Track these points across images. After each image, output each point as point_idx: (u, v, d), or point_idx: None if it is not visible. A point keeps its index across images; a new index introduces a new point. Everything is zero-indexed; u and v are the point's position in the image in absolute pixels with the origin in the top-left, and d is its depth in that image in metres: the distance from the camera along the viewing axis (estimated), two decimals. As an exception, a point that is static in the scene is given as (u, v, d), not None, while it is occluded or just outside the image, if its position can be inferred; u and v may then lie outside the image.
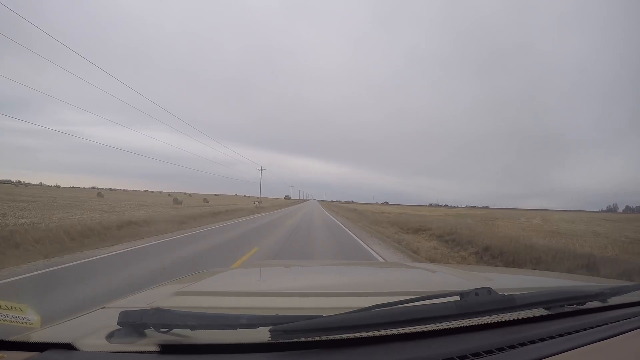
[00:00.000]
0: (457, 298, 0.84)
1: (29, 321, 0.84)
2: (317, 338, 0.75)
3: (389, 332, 0.79)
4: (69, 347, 0.73)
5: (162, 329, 0.73)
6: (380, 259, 8.04)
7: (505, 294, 0.88)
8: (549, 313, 1.01)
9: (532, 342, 0.84)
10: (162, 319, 0.72)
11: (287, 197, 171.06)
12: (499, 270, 3.62)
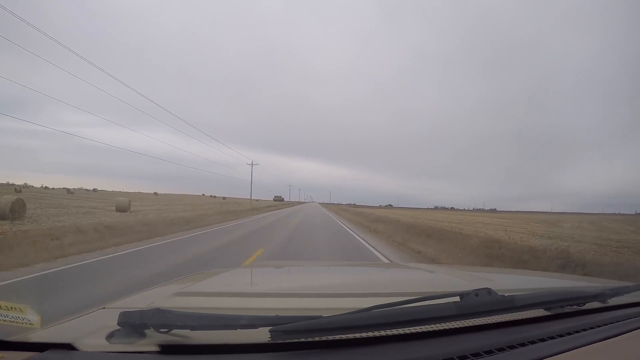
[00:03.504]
0: (457, 298, 0.84)
1: (29, 321, 0.85)
2: (317, 338, 0.75)
3: (389, 332, 0.79)
4: (69, 347, 0.73)
5: (162, 330, 0.73)
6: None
7: (505, 294, 0.88)
8: (549, 313, 1.01)
9: (532, 342, 0.83)
10: (162, 319, 0.72)
11: (278, 199, 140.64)
12: (499, 270, 3.60)
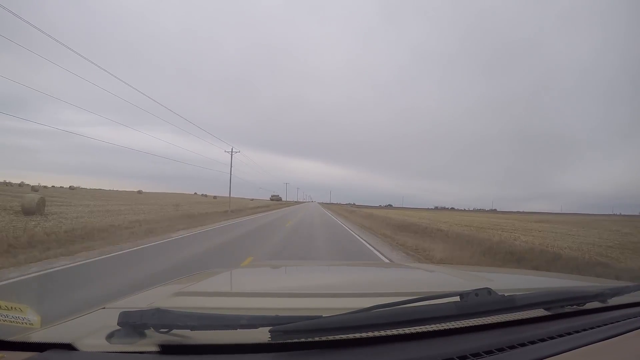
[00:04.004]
0: (457, 298, 0.84)
1: (29, 321, 0.85)
2: (317, 339, 0.75)
3: (389, 332, 0.79)
4: (69, 347, 0.73)
5: (162, 330, 0.73)
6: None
7: (505, 294, 0.88)
8: (549, 313, 1.01)
9: (532, 342, 0.84)
10: (162, 319, 0.72)
11: (276, 198, 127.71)
12: (499, 270, 3.61)
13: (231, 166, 31.77)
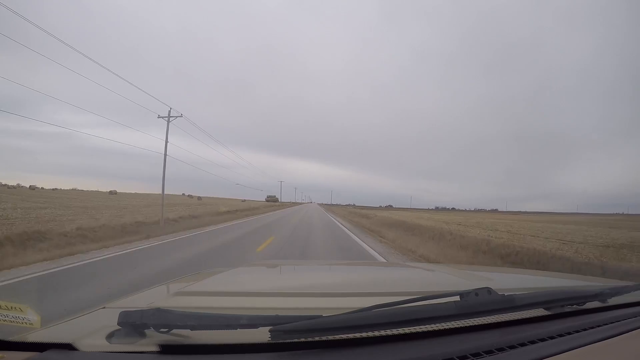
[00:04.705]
0: (457, 298, 0.84)
1: (29, 321, 0.85)
2: (317, 338, 0.75)
3: (389, 332, 0.79)
4: (69, 347, 0.73)
5: (162, 329, 0.73)
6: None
7: (505, 294, 0.88)
8: (549, 313, 1.01)
9: (532, 342, 0.83)
10: (162, 319, 0.72)
11: (272, 199, 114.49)
12: (499, 270, 3.61)
13: (166, 140, 16.86)
